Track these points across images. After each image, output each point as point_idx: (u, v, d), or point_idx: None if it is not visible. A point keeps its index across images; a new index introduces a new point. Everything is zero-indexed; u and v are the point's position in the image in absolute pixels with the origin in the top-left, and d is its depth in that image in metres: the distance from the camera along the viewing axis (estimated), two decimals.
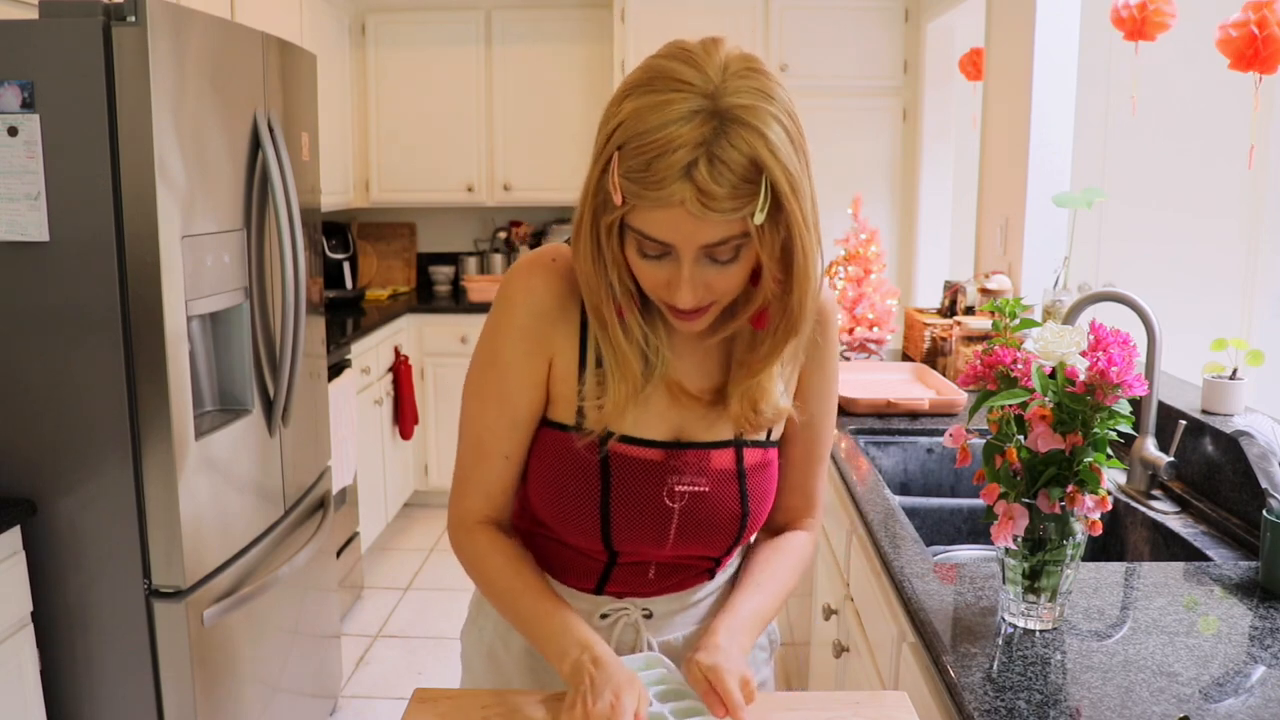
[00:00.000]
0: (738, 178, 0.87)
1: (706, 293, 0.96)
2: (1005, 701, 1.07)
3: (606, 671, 0.98)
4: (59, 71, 1.80)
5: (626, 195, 0.90)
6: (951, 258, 4.19)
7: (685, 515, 1.09)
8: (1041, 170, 2.85)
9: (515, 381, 1.08)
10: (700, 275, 0.94)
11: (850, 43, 4.10)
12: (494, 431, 1.10)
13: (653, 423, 1.08)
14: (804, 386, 1.15)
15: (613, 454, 1.07)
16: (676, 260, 0.93)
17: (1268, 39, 1.89)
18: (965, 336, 2.68)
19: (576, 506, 1.08)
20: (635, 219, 0.92)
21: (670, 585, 1.17)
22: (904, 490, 2.19)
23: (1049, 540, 1.18)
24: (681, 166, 0.86)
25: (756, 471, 1.12)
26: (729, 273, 0.95)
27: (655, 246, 0.93)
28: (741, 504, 1.10)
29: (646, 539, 1.10)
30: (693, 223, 0.89)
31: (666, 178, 0.87)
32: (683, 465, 1.08)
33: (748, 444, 1.11)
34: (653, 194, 0.88)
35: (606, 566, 1.14)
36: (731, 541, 1.12)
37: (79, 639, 1.98)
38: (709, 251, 0.93)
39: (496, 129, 4.59)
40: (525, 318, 1.06)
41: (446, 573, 3.92)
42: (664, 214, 0.89)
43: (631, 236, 0.94)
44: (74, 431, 1.91)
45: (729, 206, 0.88)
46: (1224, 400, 1.79)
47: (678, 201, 0.88)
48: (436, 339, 4.46)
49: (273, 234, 2.32)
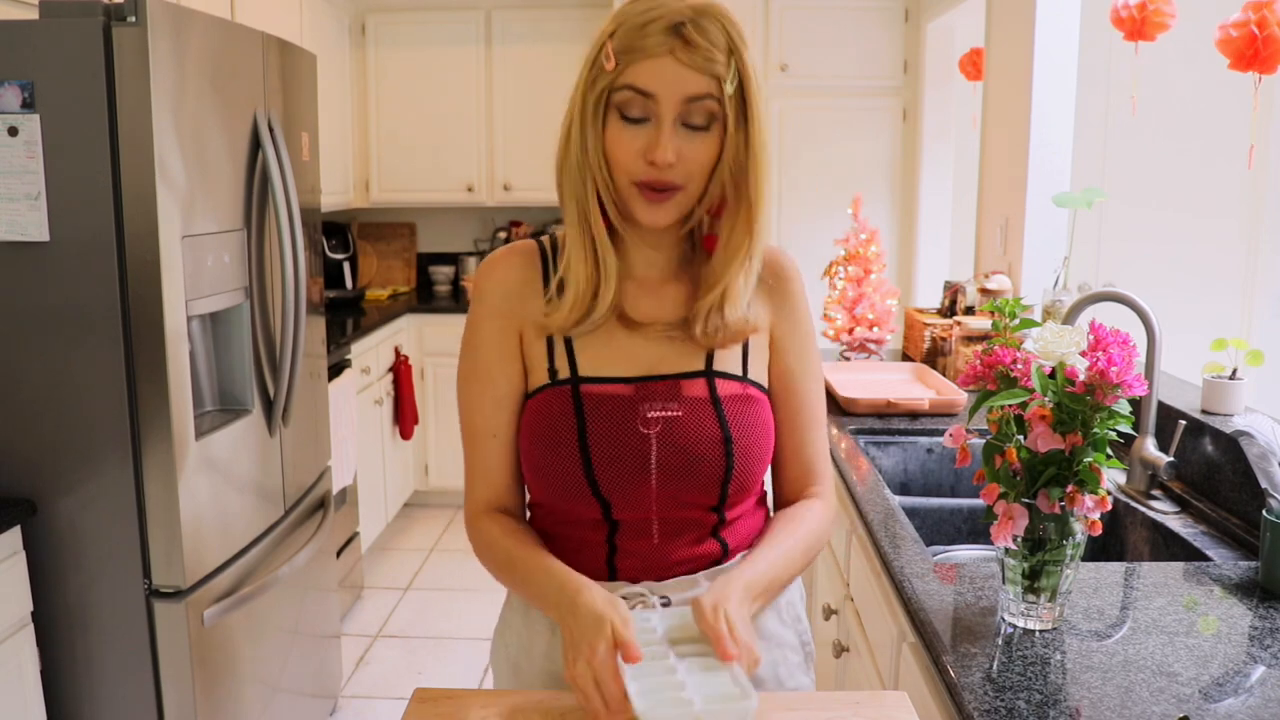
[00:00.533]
0: (717, 44, 1.02)
1: (680, 164, 1.05)
2: (1005, 701, 1.07)
3: (580, 620, 0.98)
4: (59, 71, 1.81)
5: (618, 57, 1.03)
6: (951, 258, 4.19)
7: (663, 443, 1.10)
8: (1041, 170, 2.85)
9: (491, 358, 1.16)
10: (675, 138, 1.04)
11: (850, 43, 4.10)
12: (480, 411, 1.16)
13: (619, 361, 1.13)
14: (776, 344, 1.19)
15: (584, 396, 1.11)
16: (656, 123, 1.04)
17: (1268, 39, 1.89)
18: (965, 336, 2.68)
19: (559, 457, 1.10)
20: (624, 77, 1.04)
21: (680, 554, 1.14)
22: (904, 490, 2.19)
23: (1049, 540, 1.18)
24: (669, 24, 1.01)
25: (735, 402, 1.13)
26: (698, 144, 1.05)
27: (639, 104, 1.03)
28: (722, 428, 1.11)
29: (630, 476, 1.10)
30: (677, 70, 1.02)
31: (654, 32, 1.02)
32: (653, 394, 1.12)
33: (720, 374, 1.14)
34: (642, 45, 1.02)
35: (609, 537, 1.13)
36: (721, 476, 1.11)
37: (79, 639, 1.98)
38: (686, 110, 1.03)
39: (496, 129, 4.59)
40: (494, 299, 1.17)
41: (446, 573, 3.92)
42: (651, 63, 1.02)
43: (615, 106, 1.05)
44: (74, 431, 1.91)
45: (707, 57, 1.02)
46: (1224, 400, 1.79)
47: (665, 50, 1.01)
48: (436, 339, 4.46)
49: (273, 234, 2.33)
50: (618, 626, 0.96)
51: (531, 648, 1.20)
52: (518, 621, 1.22)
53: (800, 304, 1.21)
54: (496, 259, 1.19)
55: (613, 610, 0.98)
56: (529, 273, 1.17)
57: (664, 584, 1.14)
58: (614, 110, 1.05)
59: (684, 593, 1.14)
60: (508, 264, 1.18)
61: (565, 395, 1.12)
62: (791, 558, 1.14)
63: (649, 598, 1.13)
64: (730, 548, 1.17)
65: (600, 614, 0.98)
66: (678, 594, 1.14)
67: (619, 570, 1.14)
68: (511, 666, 1.23)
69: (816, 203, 4.17)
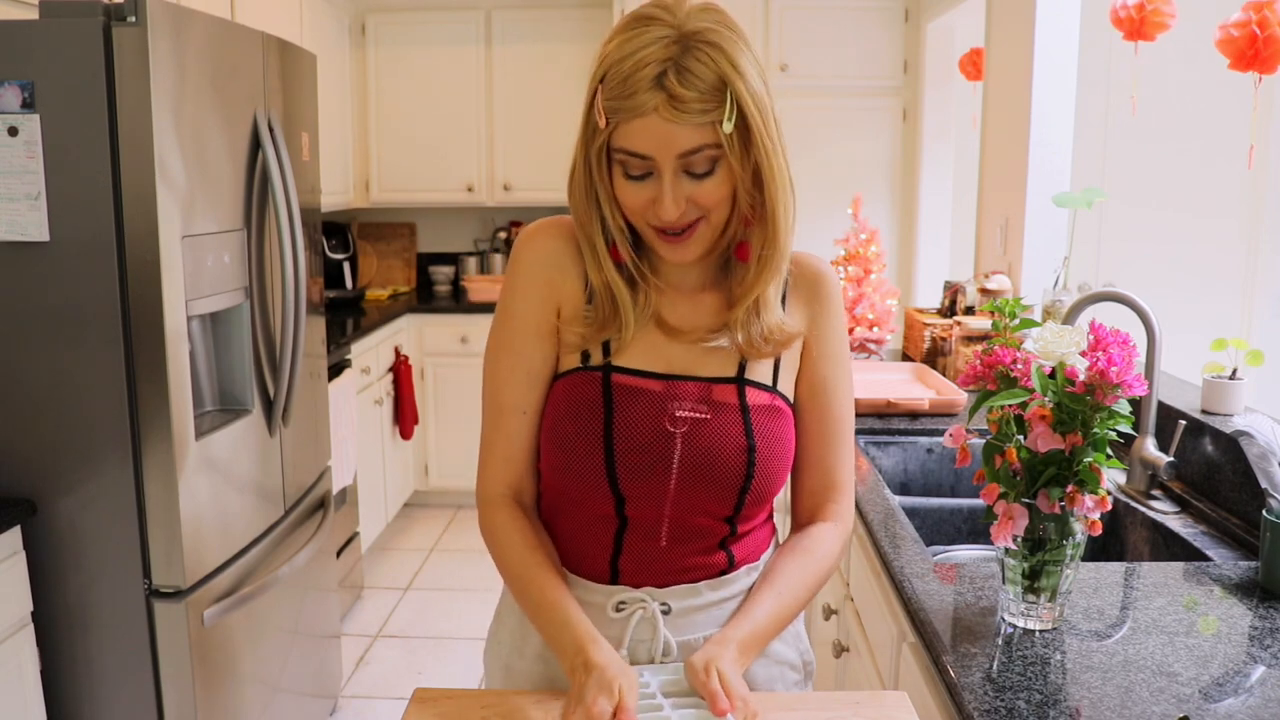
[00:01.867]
0: (705, 86, 0.97)
1: (690, 208, 1.03)
2: (1005, 701, 1.07)
3: (590, 677, 0.98)
4: (59, 71, 1.81)
5: (608, 115, 1.00)
6: (951, 258, 4.19)
7: (688, 444, 1.09)
8: (1041, 170, 2.85)
9: (526, 331, 1.13)
10: (680, 189, 1.02)
11: (850, 43, 4.10)
12: (509, 385, 1.14)
13: (651, 359, 1.12)
14: (810, 353, 1.17)
15: (615, 385, 1.10)
16: (658, 177, 1.02)
17: (1268, 39, 1.89)
18: (965, 336, 2.68)
19: (582, 444, 1.09)
20: (617, 138, 1.01)
21: (685, 562, 1.13)
22: (904, 490, 2.19)
23: (1049, 540, 1.18)
24: (652, 77, 0.97)
25: (763, 412, 1.11)
26: (707, 187, 1.02)
27: (637, 163, 1.01)
28: (747, 438, 1.09)
29: (651, 472, 1.08)
30: (666, 129, 0.98)
31: (639, 89, 0.97)
32: (683, 393, 1.10)
33: (751, 383, 1.12)
34: (628, 105, 0.98)
35: (617, 535, 1.12)
36: (740, 485, 1.10)
37: (79, 639, 1.98)
38: (686, 163, 1.01)
39: (496, 129, 4.59)
40: (531, 267, 1.14)
41: (447, 573, 3.92)
42: (640, 124, 0.99)
43: (617, 163, 1.03)
44: (74, 431, 1.91)
45: (697, 109, 0.97)
46: (1224, 400, 1.79)
47: (651, 109, 0.98)
48: (437, 339, 4.46)
49: (273, 234, 2.33)
50: (624, 692, 0.96)
51: (524, 648, 1.19)
52: (512, 621, 1.21)
53: (836, 314, 1.19)
54: (538, 229, 1.16)
55: (625, 677, 0.98)
56: (570, 246, 1.14)
57: (665, 590, 1.13)
58: (617, 165, 1.04)
59: (684, 601, 1.13)
60: (549, 235, 1.15)
61: (595, 381, 1.10)
62: (795, 601, 1.13)
63: (649, 604, 1.12)
64: (736, 560, 1.15)
65: (610, 679, 0.98)
66: (678, 602, 1.13)
67: (621, 571, 1.13)
68: (503, 667, 1.22)
69: (816, 203, 4.15)
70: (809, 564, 1.14)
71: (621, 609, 1.13)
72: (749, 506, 1.12)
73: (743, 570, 1.16)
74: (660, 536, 1.12)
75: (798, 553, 1.15)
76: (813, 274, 1.18)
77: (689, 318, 1.14)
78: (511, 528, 1.13)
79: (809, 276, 1.18)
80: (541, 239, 1.15)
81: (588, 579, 1.14)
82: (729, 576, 1.15)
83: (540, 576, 1.09)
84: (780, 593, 1.11)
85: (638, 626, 1.12)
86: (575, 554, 1.15)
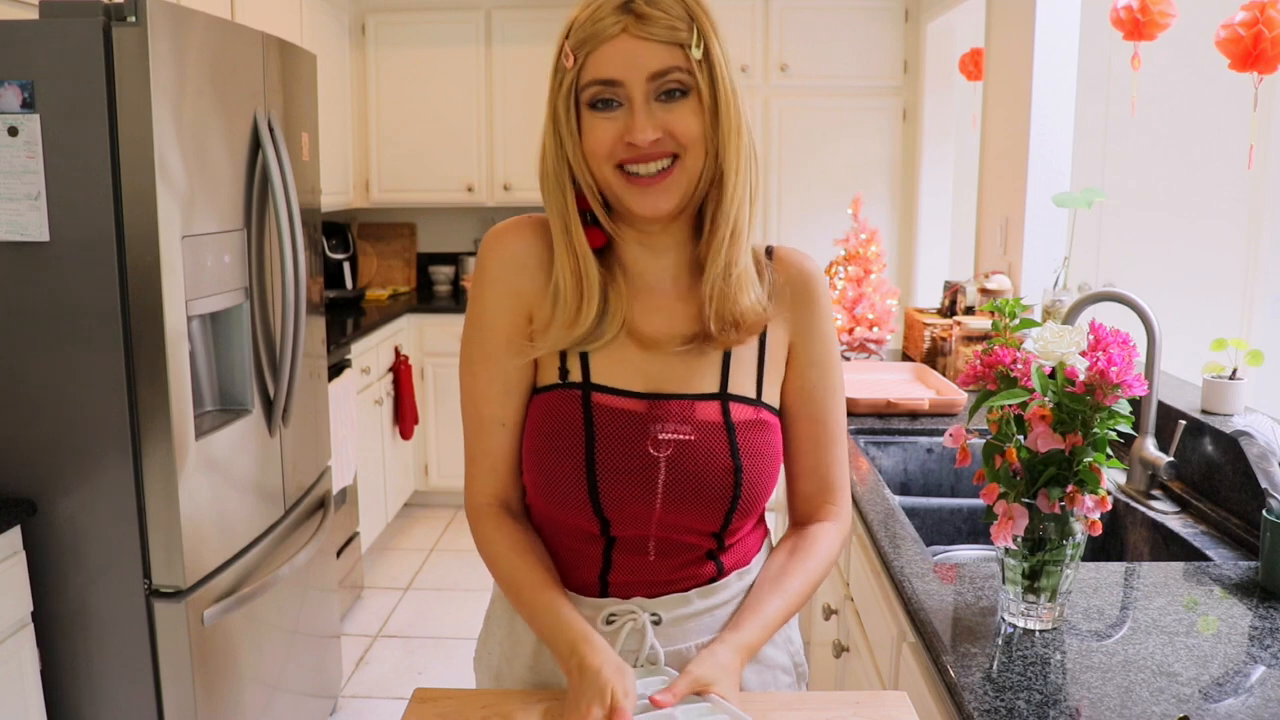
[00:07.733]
0: (673, 13, 0.98)
1: (665, 139, 1.00)
2: (1005, 701, 1.07)
3: (585, 679, 0.98)
4: (59, 71, 1.80)
5: (575, 51, 1.00)
6: (951, 258, 4.19)
7: (673, 467, 1.06)
8: (1041, 170, 2.85)
9: (499, 339, 1.10)
10: (652, 115, 1.00)
11: (850, 43, 4.10)
12: (487, 398, 1.11)
13: (630, 376, 1.08)
14: (796, 356, 1.14)
15: (595, 406, 1.07)
16: (629, 106, 1.00)
17: (1272, 40, 1.89)
18: (965, 336, 2.68)
19: (563, 468, 1.06)
20: (586, 72, 1.00)
21: (674, 574, 1.12)
22: (904, 490, 2.19)
23: (1049, 540, 1.18)
24: (619, 3, 0.98)
25: (748, 428, 1.09)
26: (678, 113, 1.00)
27: (607, 90, 1.00)
28: (733, 458, 1.07)
29: (635, 497, 1.06)
30: (635, 48, 0.98)
31: (605, 14, 0.98)
32: (666, 414, 1.07)
33: (735, 398, 1.09)
34: (595, 30, 0.98)
35: (605, 551, 1.11)
36: (727, 506, 1.07)
37: (79, 639, 1.98)
38: (656, 86, 0.99)
39: (496, 129, 4.59)
40: (498, 269, 1.10)
41: (447, 573, 3.92)
42: (608, 48, 0.98)
43: (586, 104, 1.01)
44: (74, 431, 1.91)
45: (665, 25, 0.98)
46: (1224, 400, 1.79)
47: (620, 30, 0.98)
48: (436, 339, 4.46)
49: (273, 234, 2.33)
50: (618, 696, 0.96)
51: (515, 657, 1.18)
52: (501, 631, 1.20)
53: (823, 314, 1.15)
54: (504, 229, 1.12)
55: (620, 679, 0.98)
56: (540, 246, 1.10)
57: (655, 601, 1.12)
58: (586, 108, 1.02)
59: (675, 610, 1.12)
60: (517, 235, 1.11)
61: (575, 401, 1.07)
62: (799, 601, 1.12)
63: (639, 615, 1.11)
64: (725, 568, 1.14)
65: (605, 682, 0.97)
66: (668, 611, 1.12)
67: (611, 585, 1.12)
68: (493, 674, 1.21)
69: (816, 203, 4.17)
70: (810, 564, 1.14)
71: (612, 621, 1.12)
72: (736, 521, 1.11)
73: (733, 576, 1.15)
74: (648, 552, 1.11)
75: (799, 553, 1.15)
76: (800, 275, 1.14)
77: (663, 327, 1.10)
78: (500, 536, 1.12)
79: (795, 278, 1.14)
80: (509, 239, 1.11)
81: (578, 592, 1.13)
82: (719, 584, 1.14)
83: (532, 580, 1.08)
84: (786, 593, 1.11)
85: (627, 639, 1.11)
86: (564, 569, 1.14)
